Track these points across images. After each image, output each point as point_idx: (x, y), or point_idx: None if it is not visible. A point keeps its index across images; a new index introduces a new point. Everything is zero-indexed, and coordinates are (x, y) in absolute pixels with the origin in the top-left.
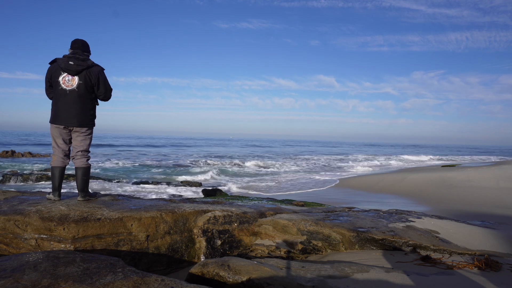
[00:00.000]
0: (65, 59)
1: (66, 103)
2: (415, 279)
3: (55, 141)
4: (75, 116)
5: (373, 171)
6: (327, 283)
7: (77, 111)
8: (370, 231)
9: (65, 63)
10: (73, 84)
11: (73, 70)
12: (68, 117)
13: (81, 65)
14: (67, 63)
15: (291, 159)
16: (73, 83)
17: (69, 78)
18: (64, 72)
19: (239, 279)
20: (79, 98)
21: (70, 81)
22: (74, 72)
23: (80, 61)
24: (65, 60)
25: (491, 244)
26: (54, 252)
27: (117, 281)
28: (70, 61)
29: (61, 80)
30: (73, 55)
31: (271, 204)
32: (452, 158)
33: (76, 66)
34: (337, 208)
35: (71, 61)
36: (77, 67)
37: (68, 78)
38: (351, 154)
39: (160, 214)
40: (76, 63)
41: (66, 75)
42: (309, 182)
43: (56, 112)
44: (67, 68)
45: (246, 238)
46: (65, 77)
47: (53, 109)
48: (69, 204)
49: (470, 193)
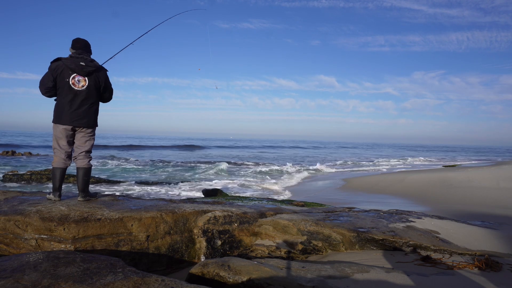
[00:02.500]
0: (74, 60)
1: (76, 103)
2: (415, 279)
3: (58, 142)
4: (85, 117)
5: (375, 172)
6: (327, 283)
7: (86, 111)
8: (371, 231)
9: (75, 64)
10: (83, 85)
11: (85, 71)
12: (77, 117)
13: (92, 66)
14: (78, 63)
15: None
16: (84, 84)
17: (79, 78)
18: (73, 72)
19: (239, 279)
20: (88, 99)
21: (81, 82)
22: (85, 73)
23: (89, 62)
24: (75, 61)
25: (491, 244)
26: (54, 252)
27: (117, 281)
28: (81, 62)
29: (70, 81)
30: (80, 56)
31: (271, 204)
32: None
33: (87, 67)
34: (337, 208)
35: (82, 62)
36: (88, 68)
37: (78, 79)
38: (408, 157)
39: (160, 214)
40: (87, 64)
41: (76, 76)
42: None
43: (63, 112)
44: (78, 69)
45: (246, 238)
46: (75, 77)
47: (60, 109)
48: (69, 205)
49: (470, 193)
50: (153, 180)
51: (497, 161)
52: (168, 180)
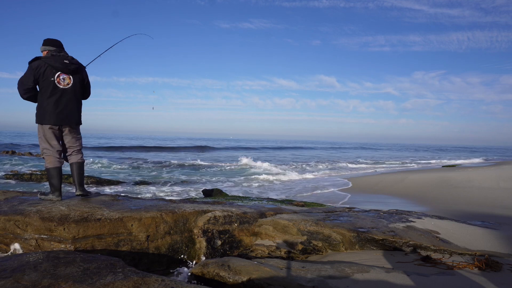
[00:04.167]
0: (57, 58)
1: (62, 102)
2: (415, 279)
3: (49, 142)
4: (72, 115)
5: (374, 172)
6: (327, 283)
7: (74, 110)
8: (371, 231)
9: (60, 62)
10: (69, 83)
11: (69, 69)
12: (64, 116)
13: (75, 64)
14: (62, 62)
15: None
16: (69, 82)
17: (64, 76)
18: (58, 71)
19: (239, 279)
20: (75, 97)
21: (66, 80)
22: (70, 71)
23: (72, 60)
24: (58, 59)
25: (491, 244)
26: (54, 252)
27: (117, 281)
28: (66, 60)
29: (55, 79)
30: (61, 54)
31: (271, 204)
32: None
33: (71, 65)
34: (337, 208)
35: (65, 60)
36: (73, 66)
37: (63, 77)
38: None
39: (160, 214)
40: (71, 62)
41: (61, 74)
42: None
43: (49, 112)
44: (63, 67)
45: (246, 238)
46: (60, 76)
47: (45, 109)
48: (69, 204)
49: (470, 193)
50: (183, 179)
51: (497, 161)
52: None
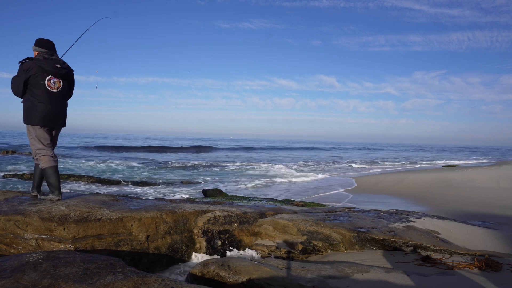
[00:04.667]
0: (49, 61)
1: (52, 105)
2: (415, 279)
3: (42, 142)
4: (61, 118)
5: (374, 172)
6: (328, 283)
7: (63, 112)
8: (371, 231)
9: (52, 66)
10: (59, 87)
11: (60, 73)
12: (54, 119)
13: (66, 68)
14: (54, 66)
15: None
16: (59, 86)
17: (55, 80)
18: (49, 74)
19: (239, 279)
20: (63, 100)
21: (56, 84)
22: (60, 75)
23: (63, 64)
24: (50, 63)
25: (491, 244)
26: (54, 252)
27: (117, 281)
28: (57, 64)
29: (46, 83)
30: (53, 57)
31: (271, 204)
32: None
33: (62, 70)
34: (337, 208)
35: (58, 64)
36: (63, 71)
37: (54, 81)
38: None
39: (160, 214)
40: (62, 67)
41: (51, 78)
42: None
43: (40, 114)
44: (55, 71)
45: (247, 238)
46: (51, 80)
47: (35, 110)
48: (69, 204)
49: (470, 193)
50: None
51: (497, 161)
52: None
